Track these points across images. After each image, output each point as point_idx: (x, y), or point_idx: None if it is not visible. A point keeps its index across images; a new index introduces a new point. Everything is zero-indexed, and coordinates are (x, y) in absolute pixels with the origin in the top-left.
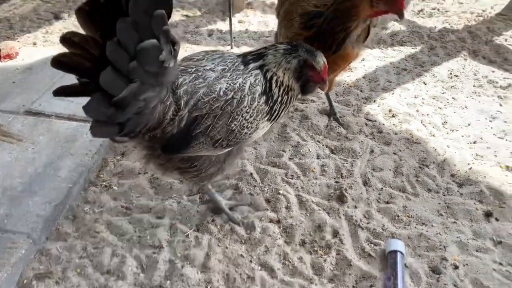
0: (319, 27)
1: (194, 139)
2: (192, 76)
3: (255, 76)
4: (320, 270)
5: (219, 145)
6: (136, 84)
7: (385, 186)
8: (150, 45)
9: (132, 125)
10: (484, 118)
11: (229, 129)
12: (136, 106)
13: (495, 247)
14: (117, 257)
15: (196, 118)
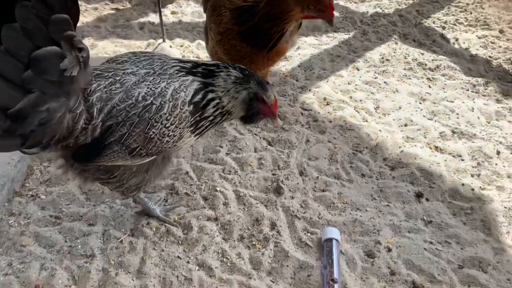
0: (254, 25)
1: (107, 148)
2: (108, 81)
3: (181, 82)
4: (259, 264)
5: (136, 154)
6: (34, 94)
7: (321, 174)
8: (46, 53)
9: (38, 137)
10: (414, 101)
11: (147, 137)
12: (38, 118)
13: (425, 227)
14: (46, 271)
15: (111, 126)
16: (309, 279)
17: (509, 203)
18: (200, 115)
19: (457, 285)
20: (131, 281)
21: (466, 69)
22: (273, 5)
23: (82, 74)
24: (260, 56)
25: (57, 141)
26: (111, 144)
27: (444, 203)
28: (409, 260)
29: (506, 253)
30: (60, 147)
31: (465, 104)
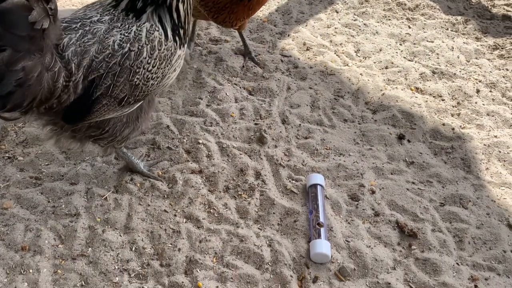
0: None
1: (95, 103)
2: (78, 34)
3: (150, 21)
4: (245, 213)
5: (125, 103)
6: (6, 52)
7: (303, 122)
8: (12, 5)
9: (17, 99)
10: (395, 42)
11: (133, 85)
12: (14, 78)
13: (408, 168)
14: (31, 232)
15: (93, 80)
16: (296, 224)
17: (488, 141)
18: (180, 25)
19: (439, 222)
20: (119, 237)
21: (445, 8)
22: None
23: (52, 27)
24: (240, 6)
25: (39, 103)
26: (98, 98)
27: (425, 144)
28: (392, 200)
29: (485, 189)
30: (44, 109)
31: (444, 43)
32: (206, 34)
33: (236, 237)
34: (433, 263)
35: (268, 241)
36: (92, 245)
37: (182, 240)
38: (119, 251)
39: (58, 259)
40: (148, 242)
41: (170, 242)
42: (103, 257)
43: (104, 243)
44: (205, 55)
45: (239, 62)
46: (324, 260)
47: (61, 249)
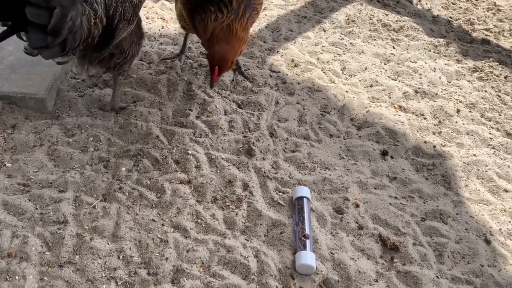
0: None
1: (116, 28)
2: None
3: None
4: (233, 224)
5: (131, 21)
6: (58, 9)
7: (291, 135)
8: None
9: (71, 43)
10: (379, 62)
11: (133, 4)
12: (67, 27)
13: (390, 183)
14: (18, 238)
15: (112, 11)
16: (282, 236)
17: (467, 159)
18: None
19: (420, 236)
20: (107, 245)
21: (428, 30)
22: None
23: None
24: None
25: (83, 41)
26: (117, 24)
27: (408, 160)
28: (376, 214)
29: (464, 205)
30: (83, 47)
31: (427, 64)
32: (197, 48)
33: (223, 248)
34: (414, 276)
35: (255, 252)
36: (80, 252)
37: (170, 249)
38: (107, 259)
39: (45, 266)
40: (135, 250)
41: (158, 251)
42: (90, 264)
43: (92, 251)
44: (195, 68)
45: (229, 75)
46: (309, 272)
47: (48, 256)
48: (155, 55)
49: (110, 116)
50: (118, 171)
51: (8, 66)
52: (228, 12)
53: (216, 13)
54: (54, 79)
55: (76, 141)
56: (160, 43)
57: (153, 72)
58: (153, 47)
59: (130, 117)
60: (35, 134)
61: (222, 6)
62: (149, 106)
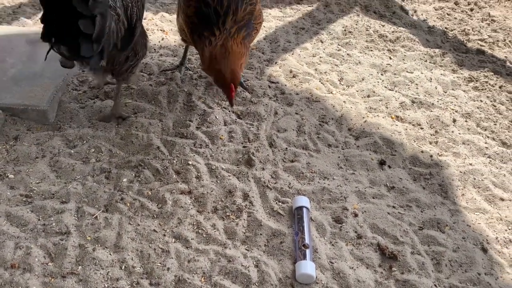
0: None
1: (135, 28)
2: None
3: None
4: (233, 234)
5: (140, 21)
6: (99, 18)
7: (290, 145)
8: None
9: (107, 49)
10: (376, 72)
11: (140, 6)
12: (106, 33)
13: (388, 192)
14: (21, 249)
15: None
16: (282, 245)
17: (464, 168)
18: None
19: (418, 245)
20: (109, 255)
21: (424, 41)
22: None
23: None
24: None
25: (113, 46)
26: (135, 23)
27: (405, 170)
28: (374, 224)
29: (461, 214)
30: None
31: (423, 74)
32: (197, 59)
33: (224, 258)
34: (412, 285)
35: (255, 262)
36: (82, 263)
37: (171, 259)
38: (109, 270)
39: (48, 277)
40: (137, 261)
41: (159, 261)
42: (93, 275)
43: (94, 262)
44: (195, 79)
45: None
46: (309, 281)
47: (51, 267)
48: (155, 66)
49: (111, 127)
50: (119, 182)
51: (10, 78)
52: (220, 33)
53: (209, 38)
54: (56, 91)
55: (77, 152)
56: (160, 54)
57: (154, 83)
58: (153, 58)
59: (131, 128)
60: (37, 146)
61: (215, 29)
62: (149, 117)
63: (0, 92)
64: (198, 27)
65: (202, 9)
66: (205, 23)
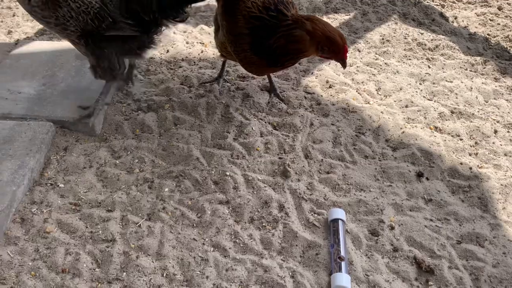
0: (268, 46)
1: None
2: None
3: None
4: (269, 245)
5: None
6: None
7: (325, 157)
8: None
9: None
10: (414, 82)
11: None
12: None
13: (426, 205)
14: (71, 255)
15: None
16: (318, 257)
17: (505, 181)
18: None
19: (455, 260)
20: (151, 263)
21: (464, 48)
22: (290, 42)
23: None
24: (267, 68)
25: None
26: None
27: (444, 182)
28: (411, 237)
29: (502, 228)
30: None
31: (463, 83)
32: (234, 71)
33: (260, 267)
34: None
35: (291, 273)
36: (127, 270)
37: (210, 268)
38: (151, 277)
39: (95, 282)
40: (178, 268)
41: (199, 269)
42: (136, 281)
43: (138, 269)
44: (233, 91)
45: (265, 98)
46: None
47: (98, 273)
48: (195, 79)
49: (154, 139)
50: (161, 191)
51: (60, 92)
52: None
53: (289, 26)
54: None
55: (122, 163)
56: (200, 67)
57: (193, 95)
58: (193, 71)
59: (172, 139)
60: (85, 156)
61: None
62: (189, 128)
63: (52, 105)
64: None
65: (266, 22)
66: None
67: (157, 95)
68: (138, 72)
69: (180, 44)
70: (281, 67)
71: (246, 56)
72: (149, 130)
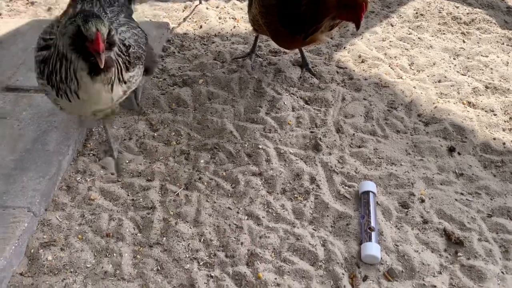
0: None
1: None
2: None
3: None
4: (301, 215)
5: None
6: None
7: (357, 131)
8: None
9: None
10: (448, 56)
11: None
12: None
13: (457, 179)
14: (114, 221)
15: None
16: (348, 227)
17: None
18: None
19: (485, 232)
20: (189, 229)
21: (502, 22)
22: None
23: None
24: (295, 39)
25: None
26: None
27: (476, 157)
28: (441, 210)
29: None
30: None
31: (499, 58)
32: (266, 46)
33: (292, 236)
34: (478, 270)
35: (322, 241)
36: (166, 235)
37: (244, 235)
38: (190, 242)
39: (137, 246)
40: (214, 235)
41: (234, 236)
42: (175, 246)
43: (177, 234)
44: (265, 66)
45: (297, 73)
46: (374, 262)
47: (140, 237)
48: (228, 54)
49: (189, 113)
50: (197, 163)
51: None
52: None
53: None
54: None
55: (160, 135)
56: (232, 42)
57: (226, 70)
58: (226, 46)
59: (207, 113)
60: (124, 129)
61: None
62: (223, 103)
63: None
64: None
65: None
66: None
67: (191, 70)
68: (174, 47)
69: (213, 20)
70: (309, 40)
71: (275, 27)
72: (185, 104)
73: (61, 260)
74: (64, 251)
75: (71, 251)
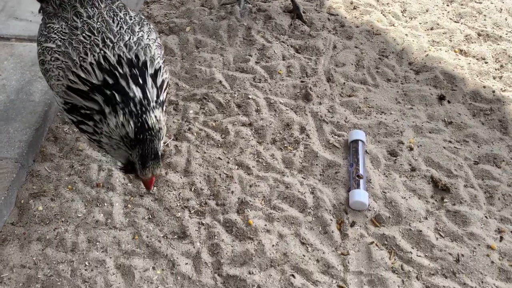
0: None
1: None
2: None
3: None
4: (291, 164)
5: None
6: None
7: (347, 80)
8: None
9: None
10: (442, 3)
11: None
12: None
13: (446, 127)
14: (104, 171)
15: None
16: (337, 175)
17: None
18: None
19: (471, 179)
20: (180, 178)
21: None
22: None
23: None
24: None
25: None
26: None
27: (465, 105)
28: (429, 157)
29: None
30: None
31: (493, 4)
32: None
33: (282, 184)
34: (463, 215)
35: (311, 189)
36: (157, 184)
37: (235, 184)
38: (180, 191)
39: (128, 195)
40: (205, 184)
41: (224, 185)
42: (166, 195)
43: (168, 184)
44: (254, 13)
45: (287, 20)
46: (361, 208)
47: (130, 187)
48: (216, 0)
49: (176, 62)
50: (186, 113)
51: None
52: None
53: None
54: None
55: None
56: None
57: (214, 17)
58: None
59: (195, 62)
60: None
61: None
62: (211, 51)
63: None
64: None
65: None
66: None
67: (177, 17)
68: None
69: None
70: None
71: None
72: (172, 53)
73: (52, 210)
74: (55, 201)
75: (61, 201)
